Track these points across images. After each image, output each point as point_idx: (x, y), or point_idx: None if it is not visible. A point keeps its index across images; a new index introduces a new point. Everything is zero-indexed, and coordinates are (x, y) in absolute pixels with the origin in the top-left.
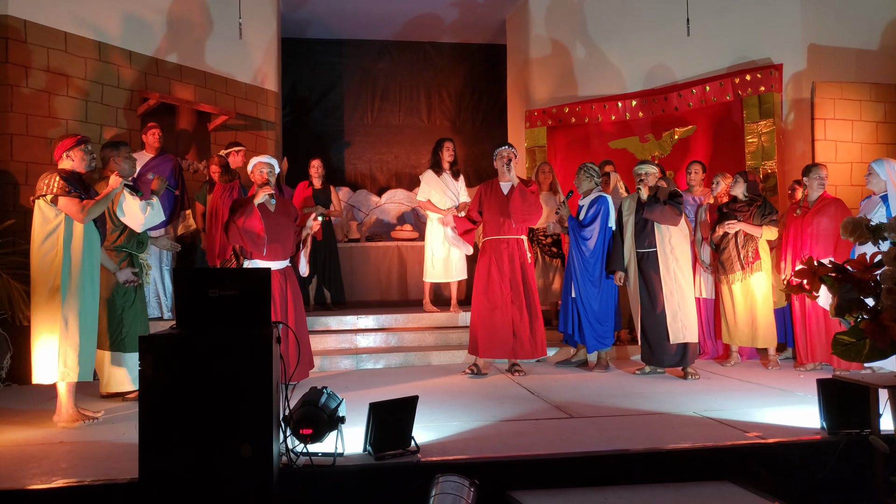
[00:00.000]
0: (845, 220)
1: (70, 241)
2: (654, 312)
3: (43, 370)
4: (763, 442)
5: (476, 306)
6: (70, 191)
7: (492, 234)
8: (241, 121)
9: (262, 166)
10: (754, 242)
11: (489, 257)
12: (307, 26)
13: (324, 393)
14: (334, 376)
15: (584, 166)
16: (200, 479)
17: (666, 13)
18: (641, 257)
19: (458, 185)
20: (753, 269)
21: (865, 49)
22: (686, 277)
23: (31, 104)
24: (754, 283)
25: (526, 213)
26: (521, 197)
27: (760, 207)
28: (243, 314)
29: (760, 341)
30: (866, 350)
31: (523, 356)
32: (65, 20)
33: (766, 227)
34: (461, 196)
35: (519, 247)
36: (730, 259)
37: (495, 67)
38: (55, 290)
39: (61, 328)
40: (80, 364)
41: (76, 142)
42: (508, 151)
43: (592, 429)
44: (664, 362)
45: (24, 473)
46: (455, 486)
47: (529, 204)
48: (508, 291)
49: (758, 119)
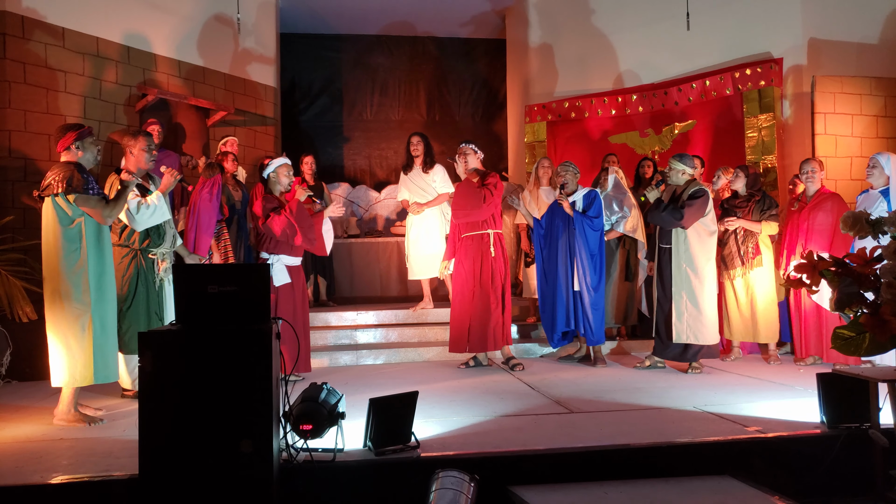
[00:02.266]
0: (845, 215)
1: (92, 242)
2: (665, 308)
3: (56, 373)
4: (763, 436)
5: (452, 304)
6: (91, 189)
7: (463, 231)
8: (240, 116)
9: (285, 169)
10: (754, 238)
11: (460, 254)
12: (306, 21)
13: (324, 389)
14: (334, 372)
15: (570, 164)
16: (201, 475)
17: (666, 7)
18: (661, 252)
19: (429, 176)
20: (754, 264)
21: (865, 43)
22: (699, 278)
23: (29, 100)
24: (755, 279)
25: (466, 209)
26: (463, 193)
27: (759, 202)
28: (243, 310)
29: (762, 336)
30: (866, 344)
31: (477, 349)
32: (63, 16)
33: (766, 222)
34: (438, 186)
35: (482, 242)
36: (731, 255)
37: (495, 62)
38: (78, 292)
39: (77, 333)
40: (95, 369)
41: (80, 134)
42: (463, 147)
43: (593, 424)
44: (669, 354)
45: (25, 470)
46: (455, 481)
47: (469, 200)
48: (473, 286)
49: (758, 113)
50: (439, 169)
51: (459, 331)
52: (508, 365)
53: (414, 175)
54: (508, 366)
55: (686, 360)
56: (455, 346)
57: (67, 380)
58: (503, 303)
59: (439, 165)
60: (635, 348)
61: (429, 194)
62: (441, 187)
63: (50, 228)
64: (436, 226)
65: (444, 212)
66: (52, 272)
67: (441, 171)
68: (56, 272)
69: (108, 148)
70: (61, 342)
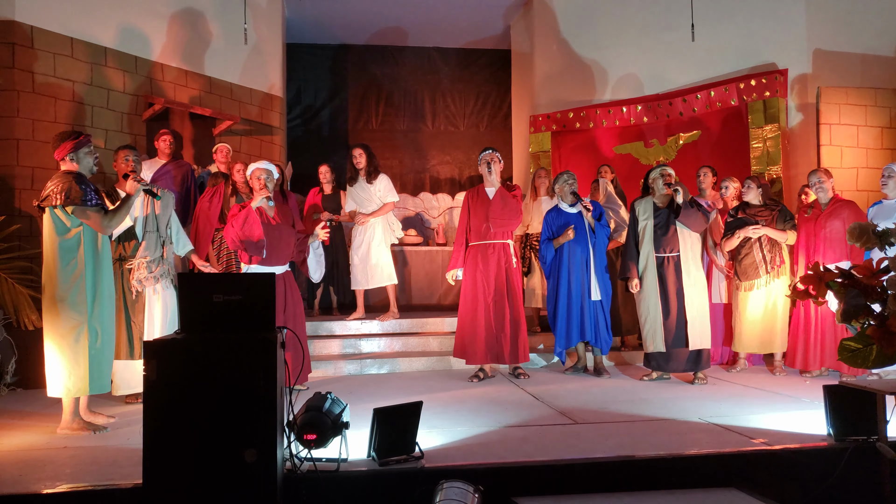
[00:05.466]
0: (852, 226)
1: (90, 253)
2: (671, 318)
3: (52, 383)
4: (769, 448)
5: (462, 311)
6: (89, 200)
7: (478, 240)
8: (246, 126)
9: (259, 172)
10: (779, 247)
11: (475, 263)
12: (312, 31)
13: (328, 398)
14: (338, 381)
15: (569, 174)
16: (204, 485)
17: (671, 18)
18: (661, 262)
19: (373, 186)
20: (779, 273)
21: (870, 54)
22: (704, 283)
23: (37, 109)
24: (776, 288)
25: (505, 218)
26: (502, 202)
27: (781, 212)
28: (248, 319)
29: (777, 346)
30: (873, 356)
31: (506, 361)
32: (71, 26)
33: (790, 231)
34: (383, 196)
35: (505, 251)
36: (753, 264)
37: (500, 73)
38: (74, 302)
39: (72, 343)
40: (90, 379)
41: (77, 143)
42: (489, 155)
43: (597, 435)
44: (678, 368)
45: (29, 478)
46: (459, 492)
47: (510, 209)
48: (493, 297)
49: (763, 124)
50: (383, 178)
51: (486, 341)
52: (514, 374)
53: (358, 186)
54: (513, 375)
55: (701, 369)
56: (480, 357)
57: (62, 390)
58: (522, 315)
59: (383, 175)
60: (637, 359)
61: (374, 204)
62: (385, 196)
63: (48, 238)
64: (381, 235)
65: (390, 221)
66: (50, 281)
67: (385, 180)
68: (53, 281)
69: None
70: (57, 351)
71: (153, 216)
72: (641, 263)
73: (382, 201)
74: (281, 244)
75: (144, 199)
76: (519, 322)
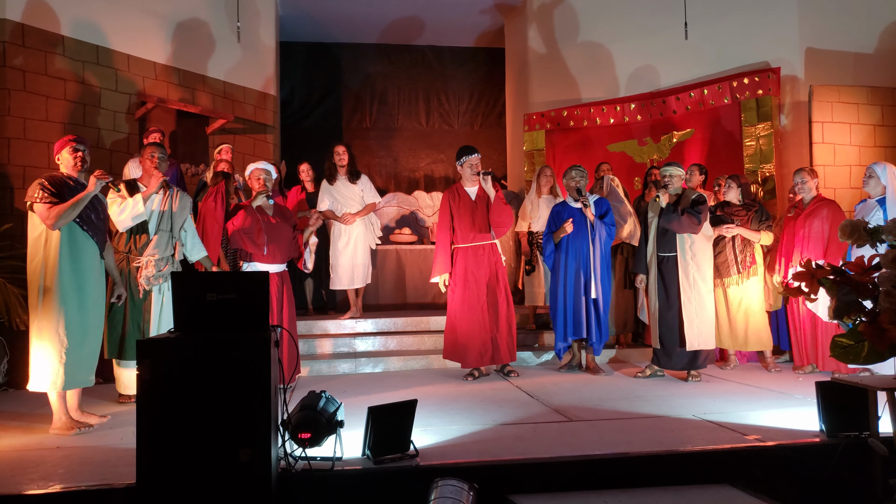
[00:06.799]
0: (843, 223)
1: (53, 248)
2: (670, 317)
3: (34, 378)
4: (762, 445)
5: (453, 313)
6: (44, 197)
7: (465, 242)
8: (240, 124)
9: (259, 172)
10: (751, 247)
11: (465, 265)
12: (305, 29)
13: (322, 397)
14: (333, 380)
15: (582, 168)
16: (198, 484)
17: (664, 17)
18: (662, 261)
19: (357, 186)
20: (750, 273)
21: (862, 52)
22: (706, 284)
23: (28, 108)
24: (748, 288)
25: (503, 222)
26: (499, 207)
27: (758, 213)
28: (242, 318)
29: (752, 345)
30: (865, 353)
31: (500, 361)
32: (62, 24)
33: (764, 231)
34: (367, 197)
35: (493, 252)
36: (726, 263)
37: (494, 71)
38: (40, 297)
39: (48, 336)
40: (66, 374)
41: (63, 143)
42: (479, 160)
43: (592, 432)
44: (677, 366)
45: (21, 479)
46: (454, 489)
47: (507, 213)
48: (486, 299)
49: (756, 122)
50: (365, 179)
51: (480, 342)
52: (503, 372)
53: (340, 185)
54: (503, 373)
55: (696, 368)
56: (475, 359)
57: (40, 384)
58: (512, 314)
59: (364, 175)
60: (634, 356)
61: (358, 204)
62: (369, 197)
63: (29, 236)
64: (362, 236)
65: (373, 221)
66: (32, 278)
67: (367, 181)
68: (35, 278)
69: (108, 156)
70: (37, 347)
71: (169, 214)
72: (647, 261)
73: (366, 202)
74: (280, 242)
75: (164, 195)
76: (511, 321)
